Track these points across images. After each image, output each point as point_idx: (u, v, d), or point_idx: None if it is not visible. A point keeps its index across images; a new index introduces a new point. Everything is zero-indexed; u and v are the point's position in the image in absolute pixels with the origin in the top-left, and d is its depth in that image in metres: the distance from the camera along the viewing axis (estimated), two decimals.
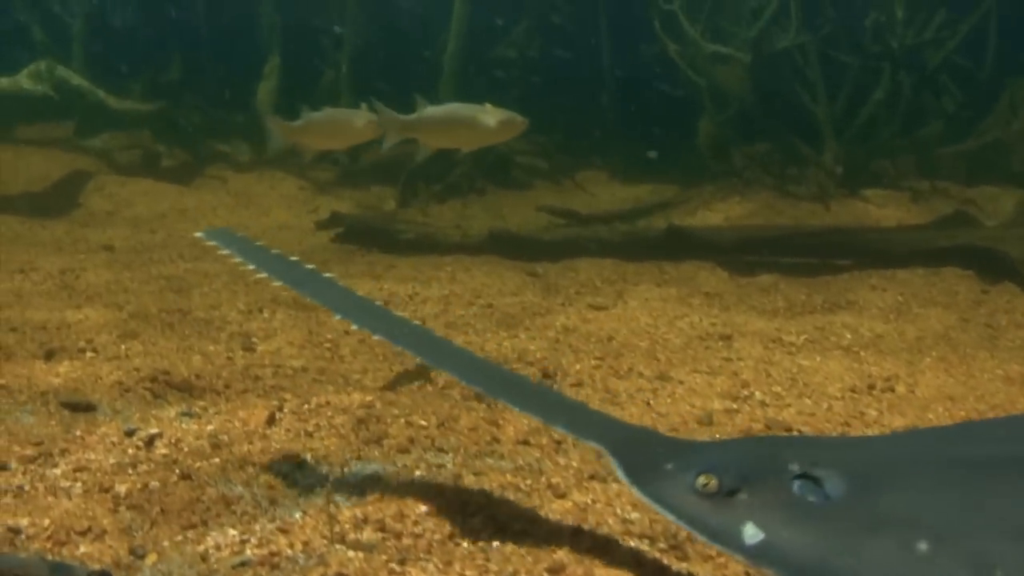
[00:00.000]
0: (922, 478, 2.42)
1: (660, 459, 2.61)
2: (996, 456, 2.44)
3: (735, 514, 2.44)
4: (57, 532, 2.97)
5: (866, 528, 2.32)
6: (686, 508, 2.49)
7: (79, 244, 9.58)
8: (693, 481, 2.51)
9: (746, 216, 10.33)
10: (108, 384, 4.74)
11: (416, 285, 7.66)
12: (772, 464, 2.51)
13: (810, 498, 2.42)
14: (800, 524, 2.38)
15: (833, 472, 2.45)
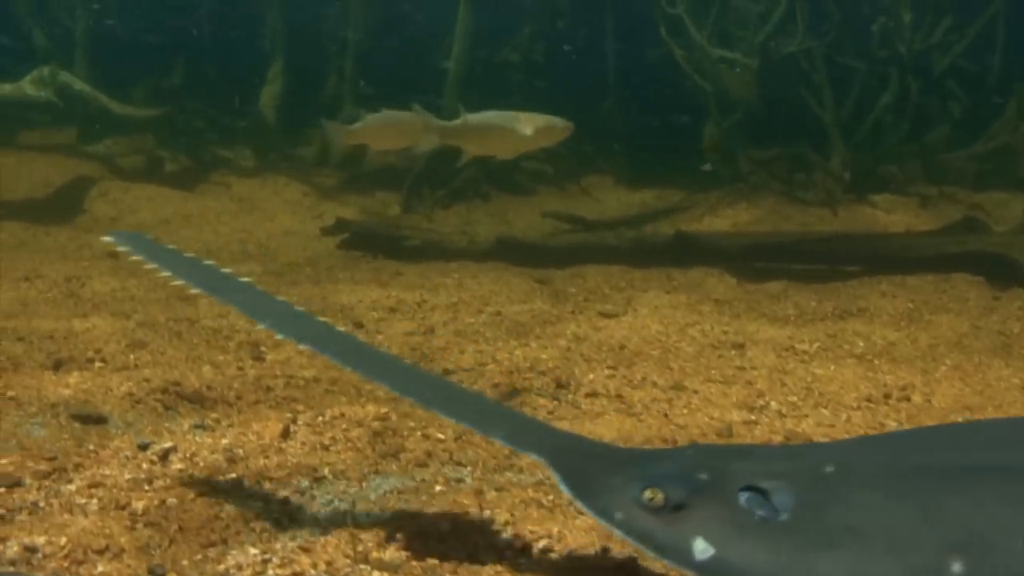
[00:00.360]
0: (872, 489, 2.39)
1: (604, 471, 2.56)
2: (946, 464, 2.42)
3: (683, 529, 2.41)
4: (74, 551, 2.92)
5: (820, 543, 2.31)
6: (633, 523, 2.46)
7: (83, 251, 9.52)
8: (639, 495, 2.47)
9: (753, 222, 10.28)
10: (119, 396, 4.68)
11: (424, 292, 7.60)
12: (718, 477, 2.49)
13: (759, 512, 2.40)
14: (751, 539, 2.37)
15: (781, 484, 2.43)
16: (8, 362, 5.43)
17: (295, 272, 8.80)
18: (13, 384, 4.81)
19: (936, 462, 2.44)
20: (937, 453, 2.51)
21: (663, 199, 11.49)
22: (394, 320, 6.85)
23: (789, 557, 2.30)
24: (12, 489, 3.36)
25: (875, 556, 2.25)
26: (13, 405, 4.60)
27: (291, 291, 7.69)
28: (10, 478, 3.41)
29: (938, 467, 2.41)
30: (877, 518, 2.31)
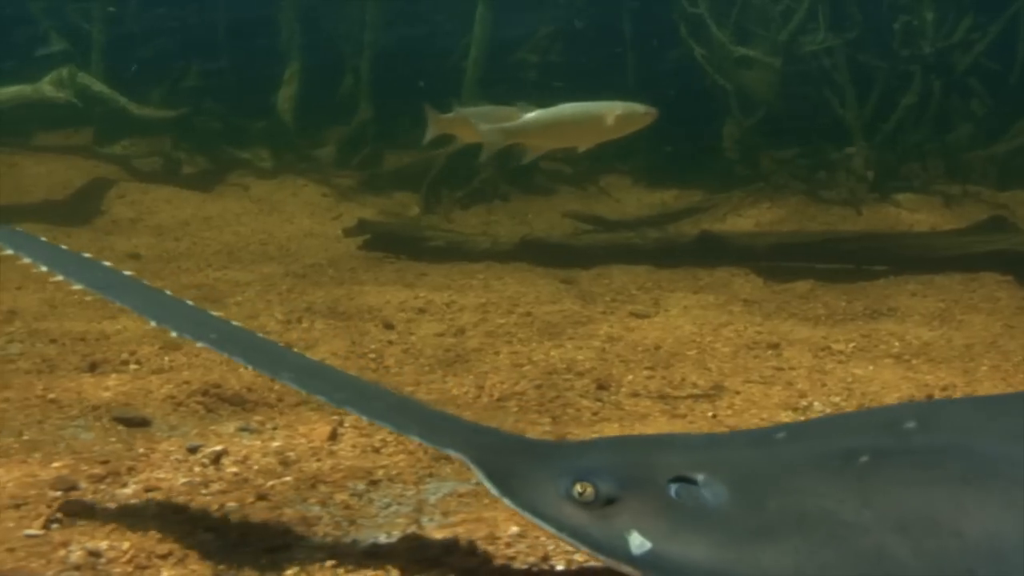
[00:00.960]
0: (806, 476, 2.35)
1: (528, 466, 2.48)
2: (878, 449, 2.36)
3: (617, 524, 2.35)
4: (137, 556, 2.88)
5: (761, 532, 2.27)
6: (564, 519, 2.38)
7: (105, 253, 9.44)
8: (568, 489, 2.39)
9: (777, 222, 10.23)
10: (159, 398, 4.65)
11: (451, 293, 7.56)
12: (648, 469, 2.43)
13: (692, 503, 2.35)
14: (689, 531, 2.31)
15: (714, 475, 2.38)
16: (44, 364, 5.40)
17: (318, 273, 8.76)
18: (53, 387, 4.77)
19: (868, 445, 2.39)
20: (869, 436, 2.45)
21: (683, 199, 11.45)
22: (423, 321, 6.81)
23: (731, 548, 2.26)
24: (68, 493, 3.32)
25: (820, 542, 2.21)
26: (54, 408, 4.57)
27: (316, 292, 7.67)
28: (66, 482, 3.37)
29: (871, 450, 2.36)
30: (816, 504, 2.27)
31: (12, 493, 3.31)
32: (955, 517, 2.16)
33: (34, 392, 4.72)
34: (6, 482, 3.40)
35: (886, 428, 2.46)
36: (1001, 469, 2.22)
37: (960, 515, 2.16)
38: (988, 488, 2.19)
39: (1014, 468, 2.21)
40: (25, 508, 3.22)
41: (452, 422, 2.77)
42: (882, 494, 2.24)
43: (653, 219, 10.51)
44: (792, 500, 2.29)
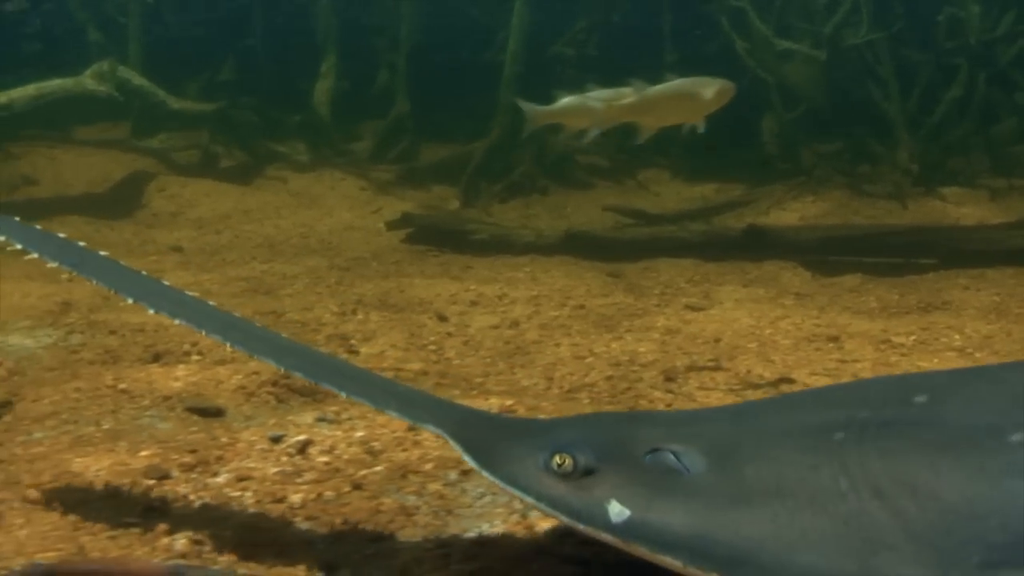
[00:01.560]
0: (782, 446, 2.39)
1: (507, 441, 2.52)
2: (853, 420, 2.40)
3: (596, 493, 2.38)
4: (240, 544, 2.86)
5: (739, 500, 2.30)
6: (543, 490, 2.42)
7: (148, 246, 9.50)
8: (547, 461, 2.43)
9: (821, 216, 10.17)
10: (230, 389, 4.63)
11: (501, 286, 7.53)
12: (626, 441, 2.47)
13: (670, 473, 2.38)
14: (667, 499, 2.34)
15: (690, 446, 2.42)
16: (107, 355, 5.40)
17: (362, 266, 8.74)
18: (122, 377, 4.75)
19: (842, 417, 2.42)
20: (843, 409, 2.48)
21: (723, 193, 11.38)
22: (476, 314, 6.79)
23: (710, 515, 2.29)
24: (161, 482, 3.31)
25: (796, 507, 2.25)
26: (126, 398, 4.55)
27: (365, 285, 7.66)
28: (158, 470, 3.36)
29: (845, 422, 2.40)
30: (790, 473, 2.30)
31: (106, 481, 3.30)
32: (932, 482, 2.20)
33: (104, 382, 4.71)
34: (98, 470, 3.38)
35: (864, 401, 2.49)
36: (976, 437, 2.26)
37: (937, 480, 2.20)
38: (964, 455, 2.23)
39: (988, 436, 2.25)
40: (120, 496, 3.21)
41: (429, 399, 2.81)
42: (859, 462, 2.27)
43: (694, 213, 10.45)
44: (770, 468, 2.33)
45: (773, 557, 2.20)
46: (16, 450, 3.73)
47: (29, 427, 4.19)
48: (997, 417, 2.29)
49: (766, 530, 2.23)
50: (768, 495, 2.28)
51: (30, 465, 3.51)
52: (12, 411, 4.41)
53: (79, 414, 4.33)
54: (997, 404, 2.35)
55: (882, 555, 2.14)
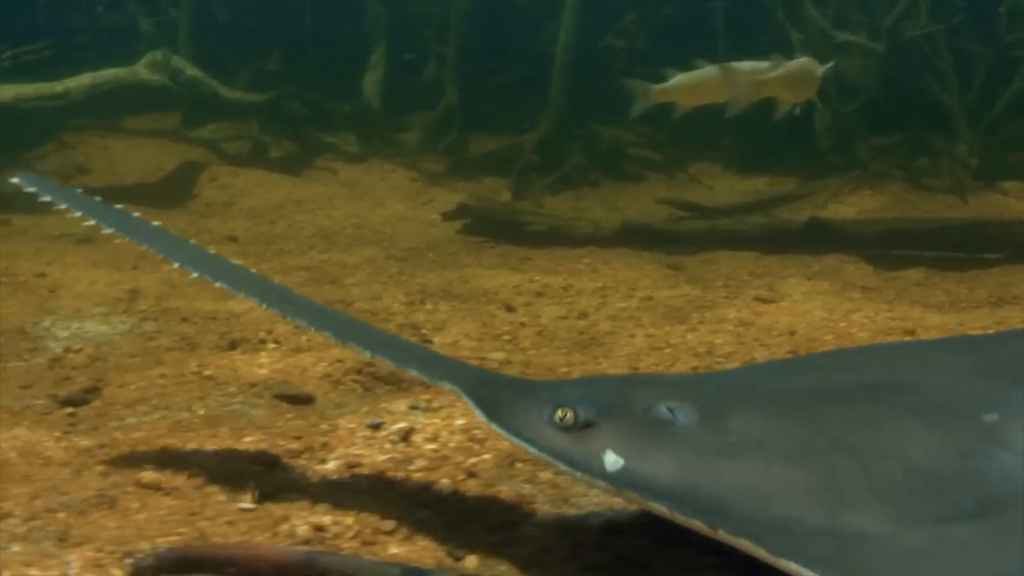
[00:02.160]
0: (769, 405, 2.57)
1: (515, 398, 2.68)
2: (836, 384, 2.63)
3: (594, 444, 2.53)
4: (362, 531, 2.83)
5: (724, 452, 2.45)
6: (545, 440, 2.57)
7: (203, 235, 9.47)
8: (550, 415, 2.58)
9: (880, 209, 10.06)
10: (316, 376, 4.61)
11: (565, 277, 7.48)
12: (625, 397, 2.63)
13: (664, 427, 2.53)
14: (659, 450, 2.49)
15: (684, 403, 2.57)
16: (183, 342, 5.38)
17: (418, 257, 8.71)
18: (206, 363, 4.74)
19: (827, 382, 2.67)
20: (828, 374, 2.74)
21: (777, 186, 11.27)
22: (542, 305, 6.73)
23: (696, 465, 2.44)
24: (271, 468, 3.28)
25: (774, 460, 2.41)
26: (211, 384, 4.54)
27: (426, 275, 7.62)
28: (267, 457, 3.34)
29: (825, 386, 2.63)
30: (774, 429, 2.48)
31: (216, 467, 3.28)
32: (900, 444, 2.38)
33: (188, 369, 4.70)
34: (206, 456, 3.36)
35: (850, 367, 2.74)
36: (947, 403, 2.46)
37: (904, 442, 2.38)
38: (933, 420, 2.42)
39: (959, 403, 2.46)
40: (232, 482, 3.18)
41: (446, 360, 3.00)
42: (837, 423, 2.46)
43: (750, 206, 10.35)
44: (755, 425, 2.50)
45: (749, 507, 2.33)
46: (116, 435, 3.71)
47: (121, 412, 4.18)
48: (969, 385, 2.51)
49: (746, 481, 2.38)
50: (751, 449, 2.44)
51: (134, 450, 3.49)
52: (100, 396, 4.41)
53: (168, 400, 4.32)
54: (972, 373, 2.57)
55: (846, 508, 2.28)
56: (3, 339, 5.26)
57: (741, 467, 2.42)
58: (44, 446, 3.60)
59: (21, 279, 6.86)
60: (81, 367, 4.88)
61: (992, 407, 2.41)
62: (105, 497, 3.06)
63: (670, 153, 12.41)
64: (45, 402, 4.37)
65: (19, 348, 5.15)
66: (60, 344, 5.23)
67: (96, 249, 8.32)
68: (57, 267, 7.19)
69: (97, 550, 2.69)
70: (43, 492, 3.10)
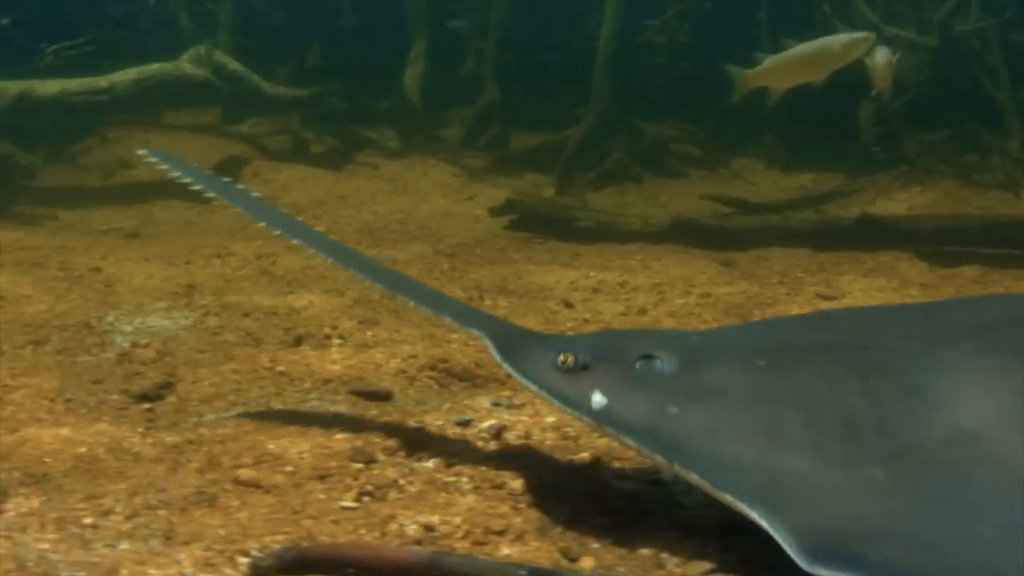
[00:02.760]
0: (738, 359, 2.83)
1: (529, 345, 3.01)
2: (801, 343, 2.94)
3: (585, 384, 2.84)
4: (472, 531, 2.77)
5: (691, 396, 2.74)
6: (546, 380, 2.89)
7: (249, 230, 9.40)
8: (554, 359, 2.89)
9: (930, 206, 9.95)
10: (391, 372, 4.56)
11: (620, 273, 7.40)
12: (621, 347, 2.92)
13: (648, 374, 2.82)
14: (637, 392, 2.79)
15: (669, 354, 2.85)
16: (249, 338, 5.34)
17: (467, 253, 8.64)
18: (279, 359, 4.69)
19: (793, 341, 2.98)
20: (797, 334, 3.08)
21: (822, 182, 11.18)
22: (600, 301, 6.67)
23: (665, 407, 2.73)
24: (369, 466, 3.22)
25: (732, 407, 2.69)
26: (286, 380, 4.50)
27: (479, 271, 7.57)
28: (363, 454, 3.28)
29: (794, 344, 2.93)
30: (738, 380, 2.76)
31: (312, 464, 3.23)
32: (837, 395, 2.65)
33: (260, 364, 4.65)
34: (300, 452, 3.31)
35: (816, 327, 3.11)
36: (886, 360, 2.71)
37: (842, 394, 2.65)
38: (869, 374, 2.67)
39: (899, 359, 2.70)
40: (330, 480, 3.13)
41: (479, 313, 3.34)
42: (793, 375, 2.74)
43: (797, 202, 10.26)
44: (721, 375, 2.79)
45: (702, 445, 2.63)
46: (202, 431, 3.67)
47: (198, 408, 4.14)
48: (910, 346, 2.75)
49: (703, 423, 2.68)
50: (712, 395, 2.74)
51: (224, 446, 3.45)
52: (174, 391, 4.37)
53: (244, 396, 4.28)
54: (917, 336, 2.82)
55: (781, 450, 2.56)
56: (70, 334, 5.23)
57: (702, 411, 2.71)
58: (130, 442, 3.56)
59: (77, 274, 6.84)
60: (150, 362, 4.83)
61: (922, 366, 2.66)
62: (205, 495, 3.01)
63: (712, 149, 12.31)
64: (119, 397, 4.32)
65: (87, 343, 5.11)
66: (126, 339, 5.19)
67: (146, 244, 8.31)
68: (111, 262, 7.15)
69: (206, 549, 2.65)
70: (141, 489, 3.06)
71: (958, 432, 2.50)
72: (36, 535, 2.75)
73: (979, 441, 2.47)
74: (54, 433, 3.64)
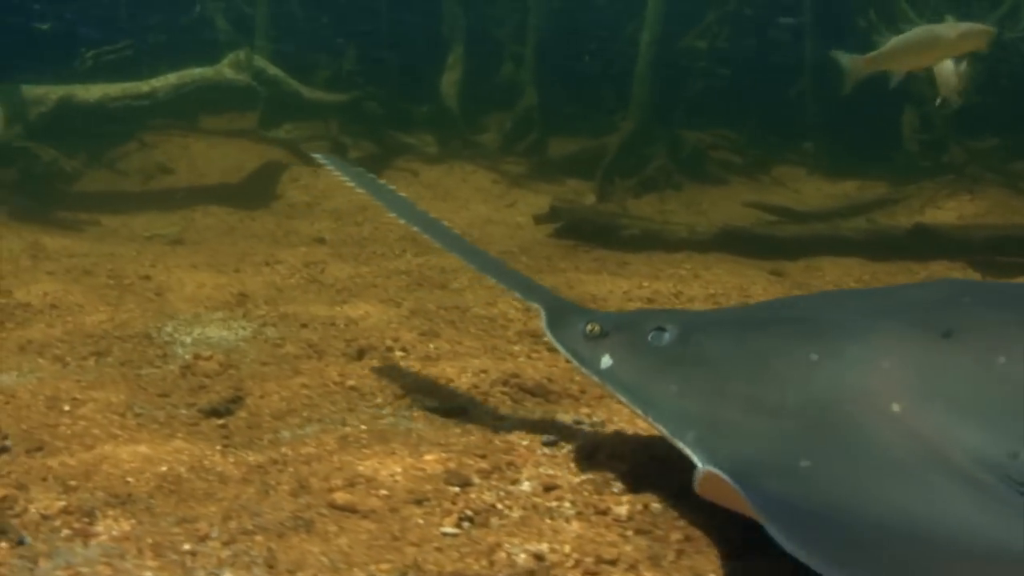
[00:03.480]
0: (718, 331, 3.24)
1: (574, 317, 3.47)
2: (768, 317, 3.37)
3: (600, 349, 3.32)
4: (583, 560, 2.68)
5: (678, 361, 3.17)
6: (571, 344, 3.39)
7: (292, 236, 9.39)
8: (583, 328, 3.37)
9: (980, 215, 9.82)
10: (463, 388, 4.47)
11: (673, 283, 7.31)
12: (640, 320, 3.37)
13: (653, 343, 3.24)
14: (638, 357, 3.24)
15: (675, 327, 3.26)
16: (310, 350, 5.25)
17: (512, 261, 8.52)
18: (348, 373, 4.61)
19: (762, 315, 3.43)
20: (768, 311, 3.55)
21: (866, 190, 11.06)
22: None
23: (653, 369, 3.18)
24: (466, 489, 3.13)
25: (706, 371, 3.10)
26: (356, 395, 4.42)
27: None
28: (459, 477, 3.19)
29: (760, 318, 3.37)
30: (710, 347, 3.16)
31: (407, 488, 3.14)
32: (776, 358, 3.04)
33: (329, 378, 4.57)
34: (392, 475, 3.22)
35: (800, 304, 3.60)
36: (824, 330, 3.07)
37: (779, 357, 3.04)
38: (808, 341, 3.03)
39: (834, 329, 3.05)
40: (428, 504, 3.04)
41: (541, 289, 3.77)
42: (752, 344, 3.12)
43: (844, 211, 10.14)
44: (701, 343, 3.19)
45: (672, 402, 3.06)
46: (284, 450, 3.58)
47: (272, 424, 4.06)
48: (853, 319, 3.06)
49: (673, 386, 3.10)
50: (689, 360, 3.15)
51: (310, 467, 3.36)
52: (245, 406, 4.29)
53: (317, 411, 4.20)
54: (866, 311, 3.11)
55: (724, 404, 2.98)
56: (131, 345, 5.16)
57: (678, 373, 3.13)
58: (211, 461, 3.48)
59: (127, 282, 6.78)
60: (214, 375, 4.75)
61: (850, 334, 2.99)
62: (301, 519, 2.93)
63: (753, 155, 12.21)
64: (187, 412, 4.25)
65: (149, 355, 5.04)
66: (188, 351, 5.12)
67: (192, 250, 8.25)
68: (160, 270, 7.09)
69: None
70: (234, 512, 2.98)
71: (859, 388, 2.85)
72: (135, 562, 2.67)
73: (874, 397, 2.81)
74: (132, 451, 3.57)
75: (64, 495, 3.20)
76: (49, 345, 5.10)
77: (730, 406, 2.96)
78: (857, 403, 2.82)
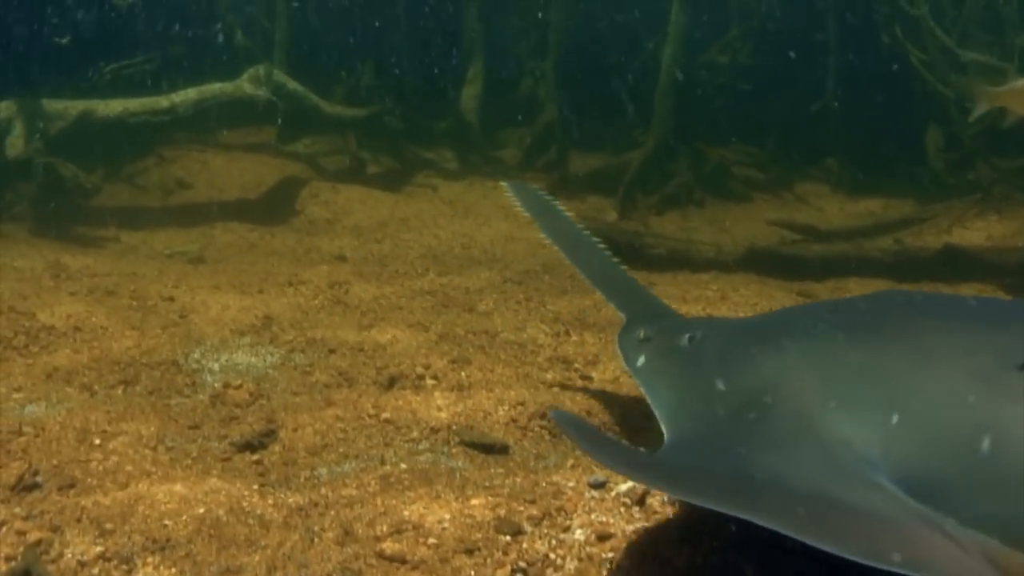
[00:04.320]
0: (723, 338, 3.53)
1: (641, 323, 3.91)
2: (759, 325, 3.63)
3: (640, 351, 3.75)
4: None
5: (682, 362, 3.52)
6: (625, 347, 3.88)
7: (312, 254, 9.29)
8: (638, 333, 3.82)
9: (1010, 235, 9.68)
10: (501, 422, 4.37)
11: (703, 305, 7.22)
12: (681, 327, 3.72)
13: (682, 347, 3.59)
14: (662, 359, 3.62)
15: (700, 332, 3.60)
16: (342, 379, 5.17)
17: (536, 280, 8.44)
18: (382, 405, 4.51)
19: (759, 324, 3.66)
20: (766, 320, 3.91)
21: (891, 209, 10.93)
22: None
23: (668, 367, 3.56)
24: (517, 538, 3.03)
25: (691, 370, 3.46)
26: (392, 429, 4.32)
27: (556, 302, 7.38)
28: (510, 524, 3.09)
29: (755, 326, 3.62)
30: (711, 351, 3.48)
31: (457, 536, 3.04)
32: (740, 359, 3.33)
33: (364, 411, 4.48)
34: (440, 522, 3.12)
35: (778, 315, 3.98)
36: (781, 337, 3.30)
37: (744, 358, 3.33)
38: (767, 346, 3.29)
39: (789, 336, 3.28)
40: (479, 555, 2.95)
41: (641, 294, 4.38)
42: (742, 347, 3.37)
43: (868, 230, 10.00)
44: (706, 348, 3.51)
45: (660, 395, 3.47)
46: (324, 491, 3.48)
47: (308, 460, 3.97)
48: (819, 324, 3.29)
49: (667, 380, 3.49)
50: (691, 362, 3.50)
51: (353, 511, 3.26)
52: (278, 440, 4.20)
53: (353, 447, 4.11)
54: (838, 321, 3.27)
55: (702, 398, 3.29)
56: (159, 373, 5.07)
57: (682, 370, 3.49)
58: (250, 503, 3.39)
59: (151, 303, 6.69)
60: (245, 405, 4.67)
61: (797, 340, 3.24)
62: (350, 571, 2.84)
63: (775, 172, 12.10)
64: (220, 445, 4.17)
65: (177, 383, 4.95)
66: (217, 379, 5.03)
67: (214, 270, 8.16)
68: (183, 290, 7.00)
69: None
70: (279, 562, 2.88)
71: (776, 384, 3.11)
72: None
73: (787, 391, 3.07)
74: (167, 490, 3.48)
75: (101, 539, 3.11)
76: (76, 372, 5.02)
77: (694, 398, 3.34)
78: (771, 393, 3.10)
